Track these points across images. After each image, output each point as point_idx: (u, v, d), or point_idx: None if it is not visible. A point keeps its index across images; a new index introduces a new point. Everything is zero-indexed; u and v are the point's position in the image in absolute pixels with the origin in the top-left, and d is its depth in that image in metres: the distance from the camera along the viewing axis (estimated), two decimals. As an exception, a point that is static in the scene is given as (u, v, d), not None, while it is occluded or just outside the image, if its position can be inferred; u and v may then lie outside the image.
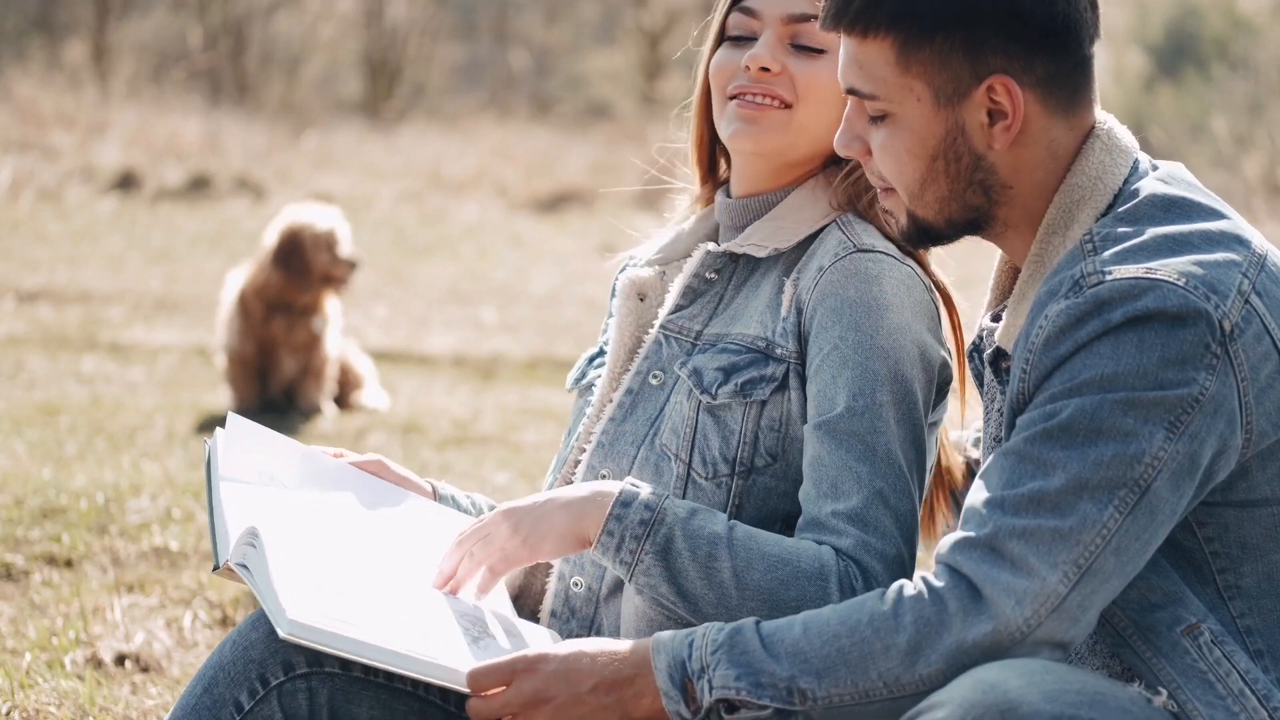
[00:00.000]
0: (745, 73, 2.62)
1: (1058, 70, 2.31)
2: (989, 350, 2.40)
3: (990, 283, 2.51)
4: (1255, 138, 15.98)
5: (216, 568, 2.43)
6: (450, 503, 2.77)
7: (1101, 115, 2.37)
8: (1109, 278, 2.20)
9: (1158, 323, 2.17)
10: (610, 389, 2.70)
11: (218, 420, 7.46)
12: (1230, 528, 2.26)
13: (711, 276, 2.68)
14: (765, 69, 2.61)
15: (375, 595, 2.40)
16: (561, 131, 21.44)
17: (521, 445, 7.14)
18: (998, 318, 2.46)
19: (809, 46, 2.62)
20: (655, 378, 2.66)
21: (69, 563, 4.82)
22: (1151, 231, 2.25)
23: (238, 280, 7.97)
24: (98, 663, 3.99)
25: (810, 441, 2.51)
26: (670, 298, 2.68)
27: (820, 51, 2.61)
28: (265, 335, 7.81)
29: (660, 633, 2.31)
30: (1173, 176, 2.35)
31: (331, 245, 7.79)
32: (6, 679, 3.72)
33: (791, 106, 2.62)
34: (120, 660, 4.01)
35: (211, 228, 14.90)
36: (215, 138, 18.89)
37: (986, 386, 2.45)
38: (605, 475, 2.64)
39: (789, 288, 2.58)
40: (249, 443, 2.60)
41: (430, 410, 8.01)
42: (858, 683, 2.21)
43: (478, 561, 2.50)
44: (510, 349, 10.23)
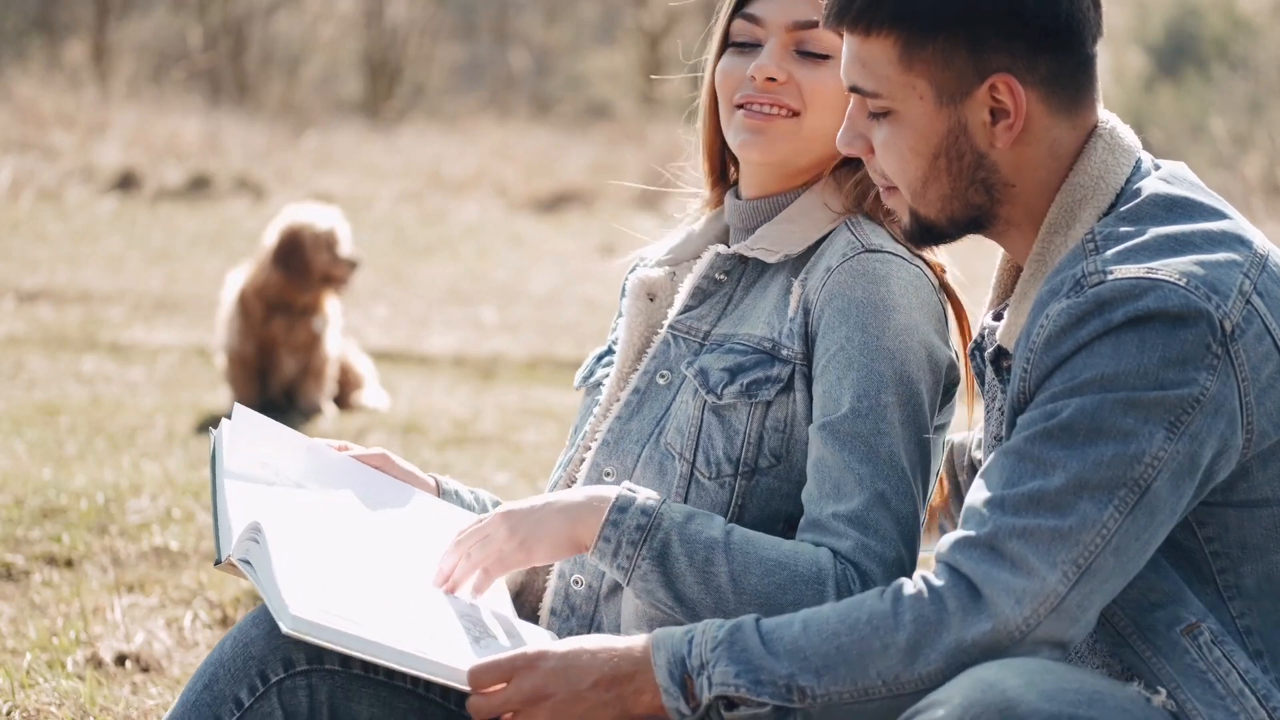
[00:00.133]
0: (751, 83, 2.61)
1: (1060, 69, 2.31)
2: (990, 349, 2.40)
3: (992, 281, 2.51)
4: (1255, 138, 15.97)
5: (218, 562, 2.42)
6: (454, 498, 2.77)
7: (1104, 114, 2.37)
8: (1110, 277, 2.20)
9: (1159, 323, 2.17)
10: (618, 388, 2.70)
11: (217, 420, 7.44)
12: (1230, 528, 2.26)
13: (721, 278, 2.67)
14: (771, 79, 2.60)
15: (377, 592, 2.40)
16: (561, 131, 21.43)
17: (521, 445, 7.13)
18: (999, 316, 2.46)
19: (814, 53, 2.60)
20: (662, 377, 2.66)
21: (69, 563, 4.82)
22: (1153, 231, 2.25)
23: (238, 280, 7.97)
24: (98, 663, 3.99)
25: (814, 442, 2.51)
26: (679, 298, 2.68)
27: (825, 57, 2.59)
28: (265, 335, 7.81)
29: (660, 629, 2.31)
30: (1175, 176, 2.34)
31: (331, 245, 7.79)
32: (7, 679, 3.72)
33: (799, 114, 2.60)
34: (120, 660, 4.01)
35: (211, 228, 14.89)
36: (215, 138, 18.88)
37: (988, 385, 2.45)
38: (609, 473, 2.64)
39: (797, 288, 2.58)
40: (254, 435, 2.60)
41: (430, 410, 8.00)
42: (857, 681, 2.21)
43: (474, 563, 2.50)
44: (510, 349, 10.22)
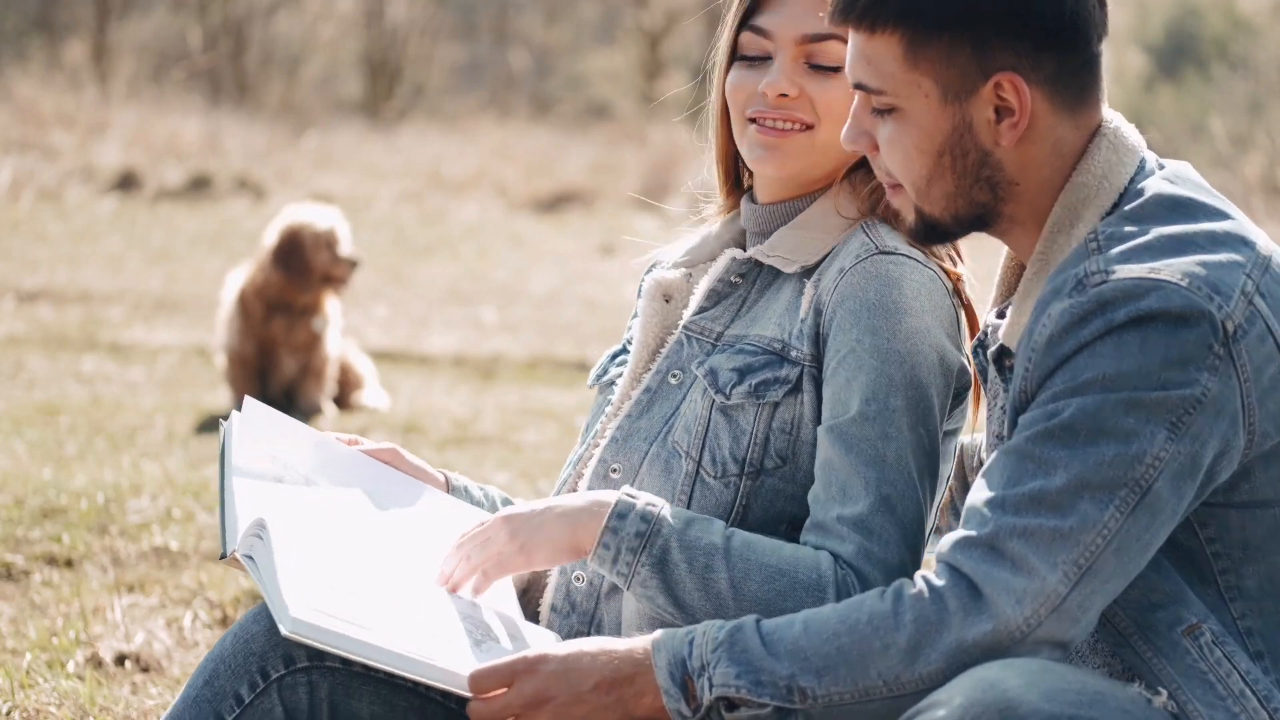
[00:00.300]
0: (763, 98, 2.59)
1: (1065, 68, 2.30)
2: (993, 347, 2.40)
3: (995, 279, 2.51)
4: (1255, 138, 15.97)
5: (223, 556, 2.42)
6: (463, 494, 2.77)
7: (1109, 114, 2.36)
8: (1112, 277, 2.19)
9: (1161, 323, 2.16)
10: (630, 387, 2.70)
11: (218, 420, 7.45)
12: (1232, 529, 2.26)
13: (736, 280, 2.67)
14: (784, 95, 2.58)
15: (380, 593, 2.39)
16: (561, 131, 21.45)
17: (521, 445, 7.13)
18: (1003, 314, 2.46)
19: (825, 66, 2.58)
20: (674, 377, 2.66)
21: (69, 563, 4.82)
22: (1156, 231, 2.24)
23: (238, 280, 7.96)
24: (98, 663, 3.98)
25: (822, 444, 2.50)
26: (695, 299, 2.68)
27: (836, 69, 2.56)
28: (265, 335, 7.80)
29: (660, 631, 2.30)
30: (1179, 176, 2.34)
31: (331, 245, 7.79)
32: (6, 679, 3.71)
33: (813, 127, 2.59)
34: (120, 660, 4.01)
35: (211, 228, 14.90)
36: (215, 138, 18.88)
37: (990, 384, 2.44)
38: (616, 470, 2.64)
39: (809, 289, 2.57)
40: (264, 428, 2.59)
41: (430, 410, 8.00)
42: (857, 681, 2.20)
43: (474, 565, 2.50)
44: (510, 349, 10.22)
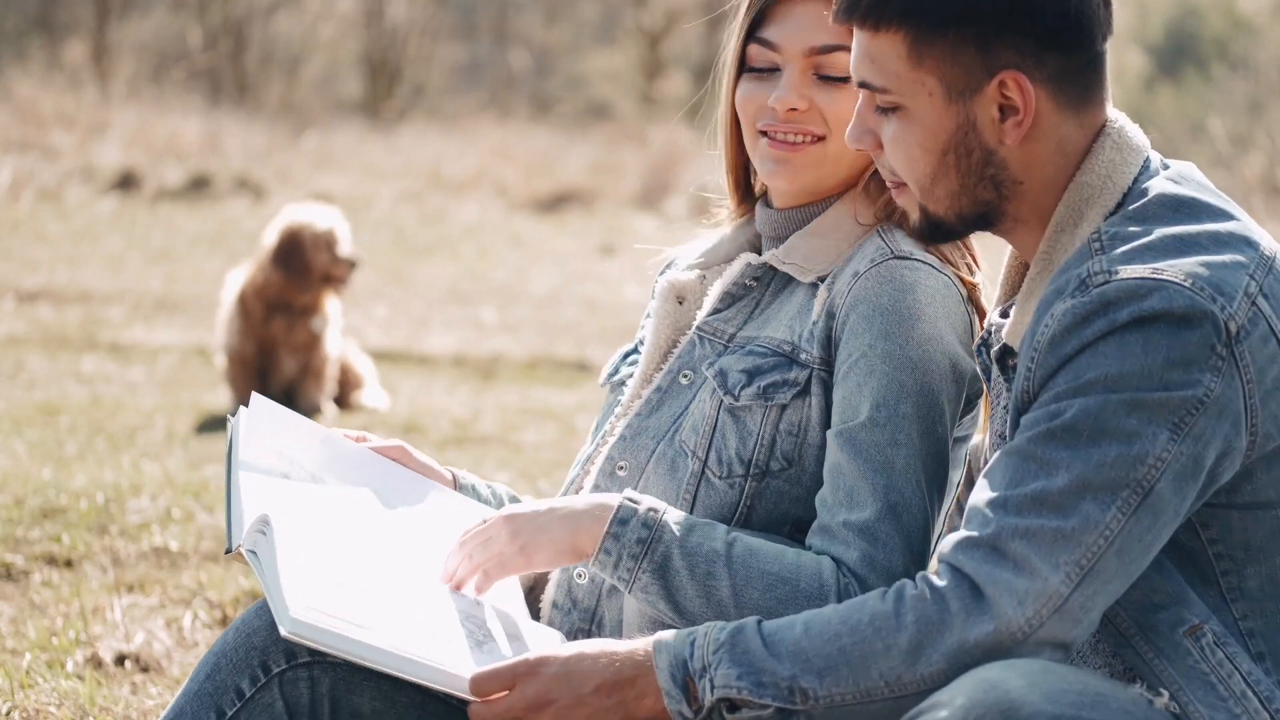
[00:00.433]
0: (773, 112, 2.59)
1: (1070, 66, 2.30)
2: (996, 346, 2.40)
3: (1000, 278, 2.50)
4: (1255, 138, 15.97)
5: (229, 550, 2.42)
6: (470, 492, 2.77)
7: (1113, 113, 2.36)
8: (1115, 277, 2.19)
9: (1163, 324, 2.16)
10: (641, 386, 2.71)
11: (218, 420, 7.45)
12: (1234, 530, 2.26)
13: (750, 284, 2.67)
14: (793, 109, 2.58)
15: (382, 593, 2.39)
16: (561, 131, 21.45)
17: (521, 445, 7.13)
18: (1006, 313, 2.45)
19: (834, 76, 2.57)
20: (685, 377, 2.66)
21: (69, 563, 4.81)
22: (1159, 232, 2.24)
23: (238, 280, 7.96)
24: (98, 663, 3.98)
25: (831, 447, 2.50)
26: (709, 301, 2.68)
27: (845, 80, 2.55)
28: (265, 335, 7.80)
29: (662, 633, 2.30)
30: (1183, 176, 2.34)
31: (331, 245, 7.79)
32: (6, 679, 3.71)
33: (824, 138, 2.59)
34: (120, 660, 4.01)
35: (211, 228, 14.89)
36: (215, 138, 18.88)
37: (993, 383, 2.44)
38: (623, 468, 2.64)
39: (823, 291, 2.57)
40: (271, 424, 2.58)
41: (430, 410, 8.00)
42: (859, 682, 2.20)
43: (475, 565, 2.50)
44: (510, 349, 10.22)
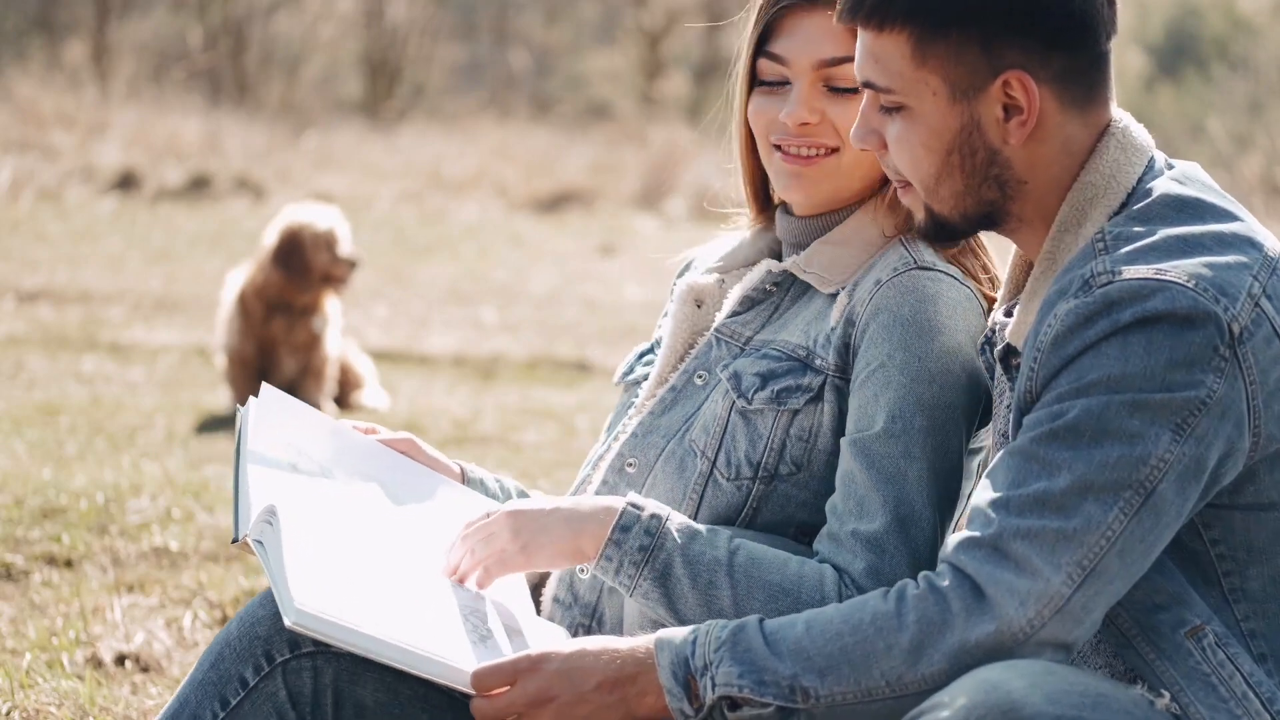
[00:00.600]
0: (785, 126, 2.59)
1: (1074, 66, 2.30)
2: (1000, 346, 2.40)
3: (1004, 277, 2.50)
4: (1255, 138, 15.98)
5: (236, 539, 2.42)
6: (478, 485, 2.78)
7: (1118, 113, 2.36)
8: (1119, 278, 2.19)
9: (1166, 324, 2.16)
10: (656, 386, 2.71)
11: (218, 420, 7.46)
12: (1237, 531, 2.26)
13: (771, 289, 2.67)
14: (805, 123, 2.58)
15: (387, 586, 2.39)
16: (561, 131, 21.45)
17: (521, 445, 7.13)
18: (1010, 313, 2.45)
19: (844, 88, 2.57)
20: (700, 378, 2.66)
21: (69, 563, 4.81)
22: (1163, 232, 2.24)
23: (238, 280, 7.96)
24: (98, 663, 3.98)
25: (844, 455, 2.51)
26: (728, 304, 2.68)
27: (857, 91, 2.54)
28: (265, 335, 7.80)
29: (663, 630, 2.30)
30: (1187, 176, 2.34)
31: (331, 245, 7.78)
32: (6, 679, 3.71)
33: (838, 150, 2.59)
34: (120, 660, 4.01)
35: (211, 228, 14.89)
36: (215, 138, 18.88)
37: (996, 382, 2.44)
38: (632, 465, 2.65)
39: (843, 298, 2.57)
40: (280, 415, 2.58)
41: (430, 410, 8.00)
42: (860, 681, 2.20)
43: (476, 560, 2.50)
44: (510, 349, 10.22)
